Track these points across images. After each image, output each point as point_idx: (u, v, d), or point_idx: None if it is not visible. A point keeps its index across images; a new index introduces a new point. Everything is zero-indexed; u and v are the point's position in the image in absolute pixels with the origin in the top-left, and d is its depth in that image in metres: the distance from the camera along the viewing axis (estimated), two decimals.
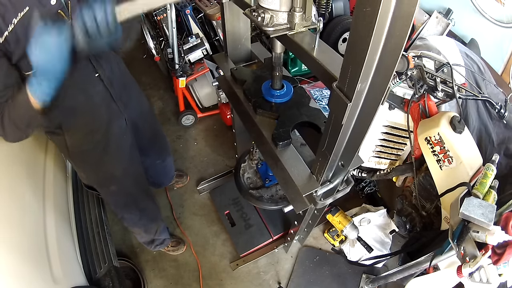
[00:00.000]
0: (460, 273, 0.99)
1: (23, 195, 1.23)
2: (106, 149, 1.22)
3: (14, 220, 1.12)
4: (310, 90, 1.95)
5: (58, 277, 1.19)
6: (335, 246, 1.93)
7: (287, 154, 1.07)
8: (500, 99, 1.29)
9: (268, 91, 1.19)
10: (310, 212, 1.34)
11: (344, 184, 1.06)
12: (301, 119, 1.14)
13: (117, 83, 1.16)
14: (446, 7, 2.08)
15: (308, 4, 0.80)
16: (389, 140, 1.54)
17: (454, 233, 1.02)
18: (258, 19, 0.85)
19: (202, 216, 2.11)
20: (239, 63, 1.41)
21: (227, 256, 1.94)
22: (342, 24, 2.48)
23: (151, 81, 3.05)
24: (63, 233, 1.39)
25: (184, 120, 2.56)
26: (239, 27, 1.29)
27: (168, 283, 1.84)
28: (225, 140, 2.52)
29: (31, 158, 1.38)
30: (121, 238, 1.98)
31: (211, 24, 2.60)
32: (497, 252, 0.93)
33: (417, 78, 1.23)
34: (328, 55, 0.79)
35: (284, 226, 2.00)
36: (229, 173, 2.26)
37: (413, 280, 1.27)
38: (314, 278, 1.83)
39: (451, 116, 1.25)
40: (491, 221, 0.93)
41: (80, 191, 1.67)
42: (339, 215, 1.74)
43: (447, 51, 1.42)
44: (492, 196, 1.04)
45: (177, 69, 2.25)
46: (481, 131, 1.40)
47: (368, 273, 1.83)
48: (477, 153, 1.26)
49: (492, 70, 1.76)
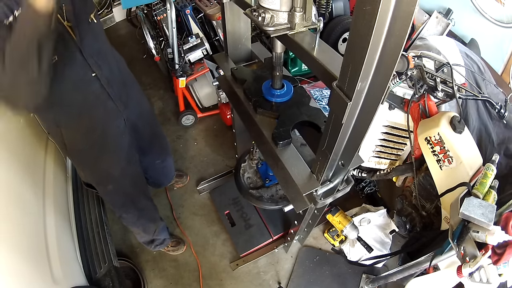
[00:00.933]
0: (460, 273, 0.99)
1: (23, 194, 1.23)
2: (103, 149, 1.22)
3: (14, 220, 1.12)
4: (310, 90, 1.95)
5: (58, 277, 1.19)
6: (335, 246, 1.93)
7: (287, 153, 1.07)
8: (500, 99, 1.29)
9: (268, 91, 1.19)
10: (310, 211, 1.34)
11: (344, 184, 1.06)
12: (301, 118, 1.14)
13: (116, 82, 1.16)
14: (446, 7, 2.08)
15: (308, 4, 0.80)
16: (389, 140, 1.54)
17: (454, 233, 1.02)
18: (258, 19, 0.85)
19: (202, 216, 2.11)
20: (240, 63, 1.41)
21: (227, 256, 1.94)
22: (342, 24, 2.48)
23: (151, 81, 3.05)
24: (63, 233, 1.39)
25: (184, 120, 2.56)
26: (240, 27, 1.29)
27: (168, 283, 1.84)
28: (225, 140, 2.52)
29: (31, 158, 1.38)
30: (121, 238, 1.98)
31: (211, 24, 2.61)
32: (497, 252, 0.93)
33: (417, 78, 1.23)
34: (328, 54, 0.79)
35: (284, 226, 2.00)
36: (229, 173, 2.26)
37: (413, 280, 1.27)
38: (314, 278, 1.83)
39: (451, 116, 1.25)
40: (491, 221, 0.93)
41: (80, 190, 1.67)
42: (339, 215, 1.74)
43: (447, 51, 1.42)
44: (492, 196, 1.04)
45: (177, 69, 2.25)
46: (481, 131, 1.40)
47: (368, 273, 1.83)
48: (477, 153, 1.26)
49: (492, 70, 1.76)
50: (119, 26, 3.82)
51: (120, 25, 3.83)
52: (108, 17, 3.72)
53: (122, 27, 3.80)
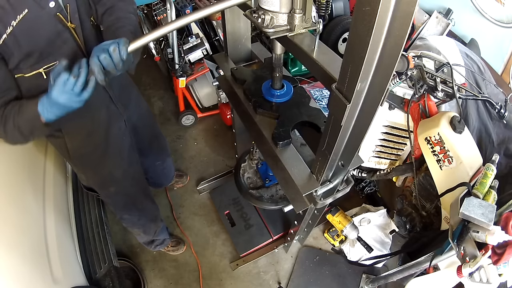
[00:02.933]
0: (460, 273, 0.99)
1: (23, 195, 1.23)
2: (106, 151, 1.22)
3: (14, 221, 1.12)
4: (310, 90, 1.95)
5: (58, 277, 1.19)
6: (335, 246, 1.93)
7: (287, 153, 1.07)
8: (500, 99, 1.29)
9: (268, 91, 1.19)
10: (310, 212, 1.34)
11: (344, 184, 1.06)
12: (301, 118, 1.14)
13: (116, 85, 1.16)
14: (446, 7, 2.08)
15: (308, 5, 0.80)
16: (389, 140, 1.54)
17: (454, 233, 1.01)
18: (258, 20, 0.85)
19: (202, 216, 2.11)
20: (239, 63, 1.41)
21: (227, 256, 1.94)
22: (342, 24, 2.48)
23: (151, 81, 3.05)
24: (63, 233, 1.39)
25: (184, 120, 2.56)
26: (240, 27, 1.29)
27: (168, 283, 1.84)
28: (225, 140, 2.52)
29: (31, 159, 1.38)
30: (121, 238, 1.98)
31: (211, 24, 2.60)
32: (497, 252, 0.93)
33: (417, 78, 1.23)
34: (328, 56, 0.79)
35: (284, 226, 2.00)
36: (229, 173, 2.26)
37: (413, 280, 1.27)
38: (314, 278, 1.83)
39: (451, 116, 1.25)
40: (491, 221, 0.93)
41: (80, 191, 1.67)
42: (339, 215, 1.74)
43: (447, 51, 1.42)
44: (492, 196, 1.04)
45: (177, 69, 2.25)
46: (481, 131, 1.40)
47: (368, 273, 1.83)
48: (477, 153, 1.26)
49: (492, 70, 1.76)
50: None
51: None
52: None
53: None
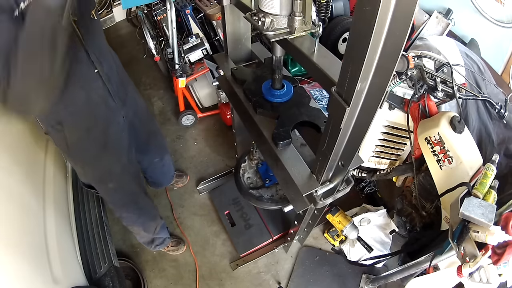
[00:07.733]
0: (460, 273, 0.99)
1: (23, 195, 1.23)
2: (105, 146, 1.22)
3: (14, 220, 1.12)
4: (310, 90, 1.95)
5: (58, 277, 1.19)
6: (335, 246, 1.93)
7: (287, 153, 1.07)
8: (500, 99, 1.29)
9: (268, 91, 1.19)
10: (310, 212, 1.34)
11: (344, 184, 1.06)
12: (301, 118, 1.14)
13: (115, 79, 1.17)
14: (446, 7, 2.08)
15: (307, 8, 0.80)
16: (389, 140, 1.54)
17: (454, 233, 1.01)
18: (258, 23, 0.85)
19: (202, 216, 2.10)
20: (240, 63, 1.41)
21: (227, 256, 1.94)
22: (342, 24, 2.47)
23: (151, 81, 3.05)
24: (63, 233, 1.39)
25: (184, 120, 2.56)
26: (240, 27, 1.29)
27: (168, 283, 1.84)
28: (225, 140, 2.52)
29: (31, 158, 1.38)
30: (121, 238, 1.98)
31: (211, 24, 2.60)
32: (497, 252, 0.93)
33: (417, 78, 1.23)
34: (328, 59, 0.79)
35: (284, 226, 2.00)
36: (229, 173, 2.26)
37: (413, 280, 1.27)
38: (314, 278, 1.83)
39: (451, 116, 1.25)
40: (491, 221, 0.93)
41: (80, 191, 1.67)
42: (339, 215, 1.74)
43: (447, 51, 1.42)
44: (492, 196, 1.04)
45: (177, 69, 2.25)
46: (481, 131, 1.40)
47: (368, 273, 1.83)
48: (477, 153, 1.26)
49: (492, 70, 1.76)
50: (119, 26, 3.82)
51: (120, 25, 3.82)
52: (108, 17, 3.72)
53: (122, 27, 3.79)
